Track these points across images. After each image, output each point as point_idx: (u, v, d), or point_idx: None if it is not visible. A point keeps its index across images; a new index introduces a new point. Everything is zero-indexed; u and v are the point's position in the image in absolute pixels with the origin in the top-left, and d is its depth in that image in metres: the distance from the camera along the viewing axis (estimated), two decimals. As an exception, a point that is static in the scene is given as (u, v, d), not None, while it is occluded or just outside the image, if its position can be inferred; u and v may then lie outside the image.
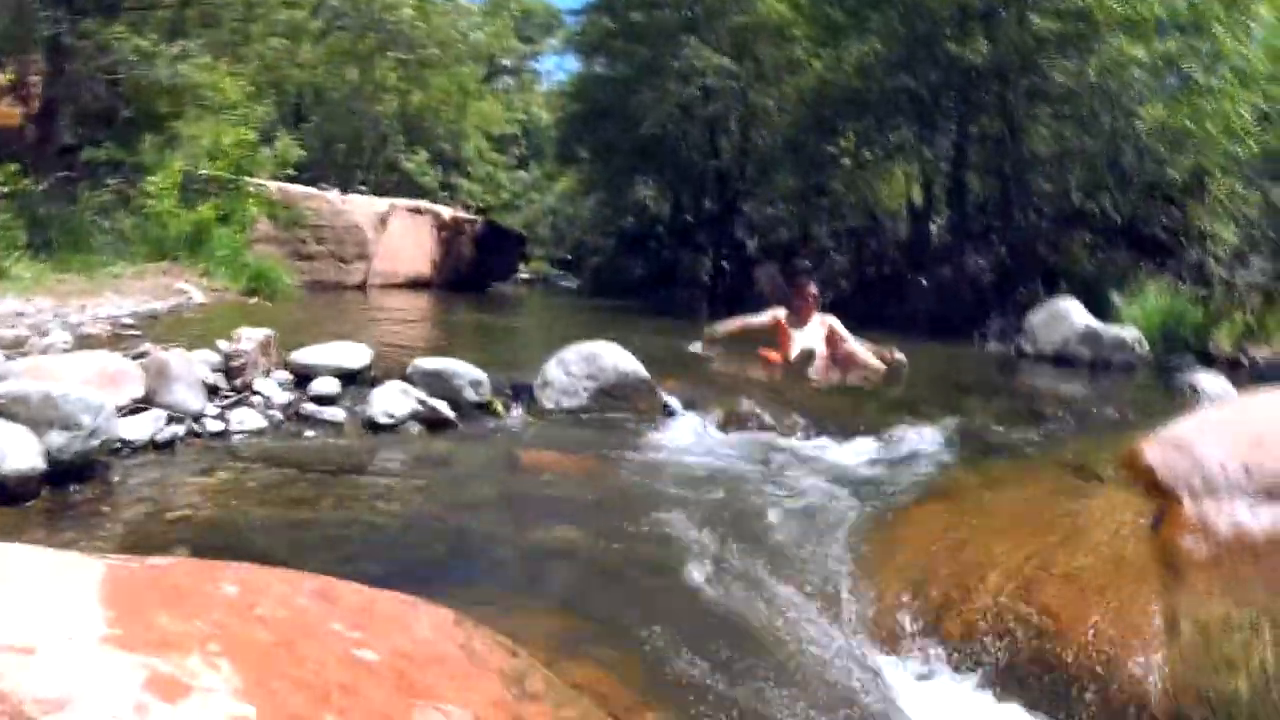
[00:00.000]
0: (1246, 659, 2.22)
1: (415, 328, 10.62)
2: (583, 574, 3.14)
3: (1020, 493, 3.69)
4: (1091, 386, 8.33)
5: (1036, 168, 16.43)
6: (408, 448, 4.56)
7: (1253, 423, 3.13)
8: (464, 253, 21.51)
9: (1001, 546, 3.05)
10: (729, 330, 7.92)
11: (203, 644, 1.39)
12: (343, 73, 22.51)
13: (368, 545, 3.22)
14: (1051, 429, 5.50)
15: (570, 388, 5.41)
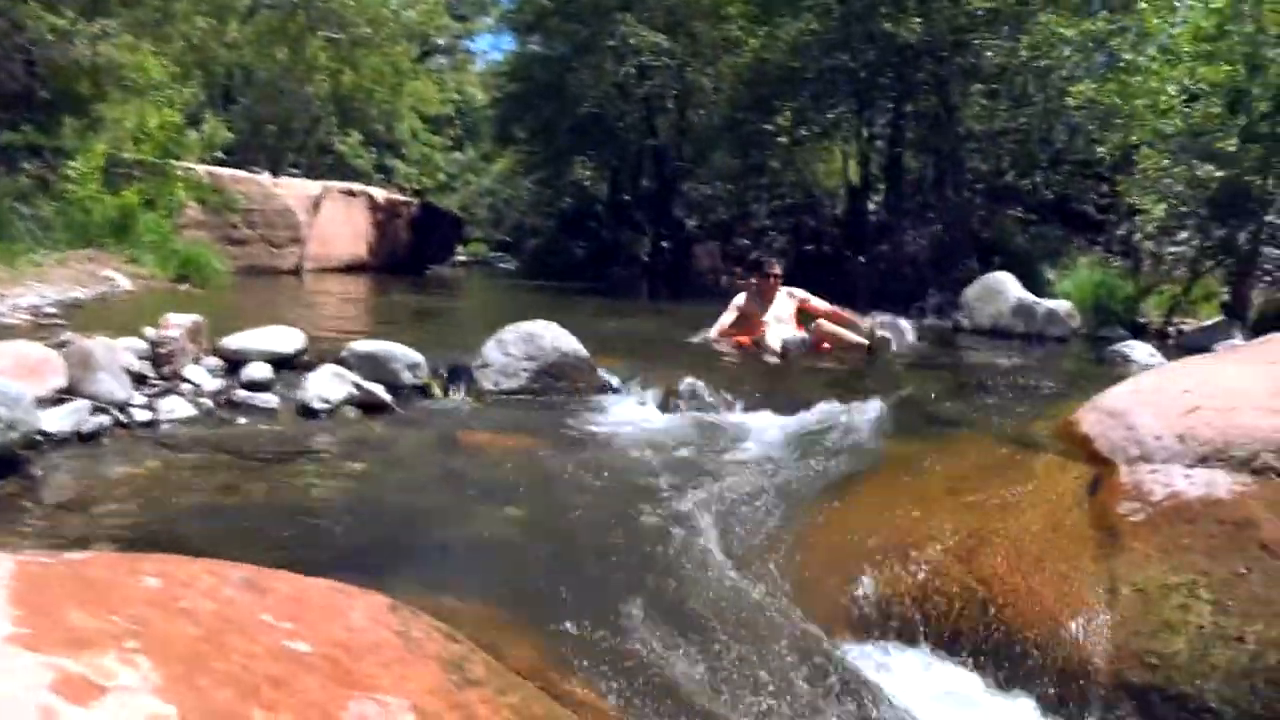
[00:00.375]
0: (1185, 621, 2.25)
1: (351, 311, 10.44)
2: (523, 557, 3.10)
3: (959, 463, 3.72)
4: (1026, 358, 8.46)
5: (971, 146, 16.65)
6: (343, 432, 4.47)
7: (1185, 391, 3.17)
8: (400, 236, 21.21)
9: (941, 516, 3.07)
10: (720, 335, 7.57)
11: (119, 641, 1.32)
12: (272, 52, 21.93)
13: (301, 533, 3.14)
14: (988, 400, 5.56)
15: (509, 368, 5.34)
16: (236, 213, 15.11)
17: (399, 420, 4.77)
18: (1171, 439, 2.92)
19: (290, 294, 12.22)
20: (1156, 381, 3.44)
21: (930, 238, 16.04)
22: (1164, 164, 11.21)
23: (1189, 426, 2.92)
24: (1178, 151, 11.30)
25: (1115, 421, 3.25)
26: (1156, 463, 2.87)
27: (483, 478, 3.89)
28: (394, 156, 33.81)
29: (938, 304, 12.17)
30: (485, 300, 16.15)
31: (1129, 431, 3.12)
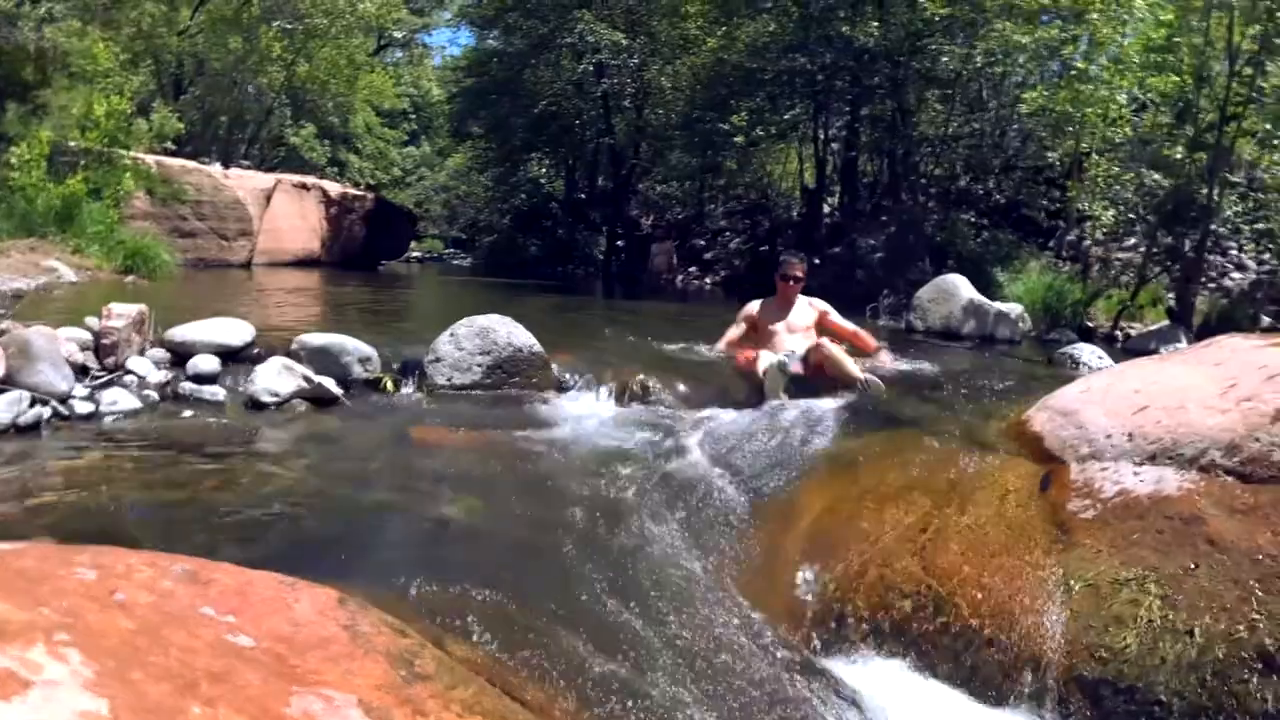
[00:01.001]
0: (1135, 615, 2.27)
1: (302, 304, 10.28)
2: (474, 552, 3.05)
3: (912, 460, 3.73)
4: (978, 359, 8.53)
5: (925, 150, 16.83)
6: (292, 426, 4.38)
7: (1134, 391, 3.21)
8: (354, 230, 20.99)
9: (895, 513, 3.07)
10: (728, 349, 6.19)
11: (49, 634, 1.27)
12: (225, 42, 21.60)
13: (248, 527, 3.07)
14: (941, 400, 5.58)
15: (462, 363, 5.28)
16: (186, 204, 14.86)
17: (349, 414, 4.69)
18: (1121, 437, 2.95)
19: (240, 287, 12.02)
20: (1106, 382, 3.47)
21: (884, 240, 16.17)
22: (1113, 171, 11.41)
23: (1138, 425, 2.95)
24: (1127, 160, 11.51)
25: (1066, 420, 3.29)
26: (1106, 460, 2.89)
27: (434, 473, 3.83)
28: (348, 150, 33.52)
29: (891, 305, 12.26)
30: (439, 296, 16.01)
31: (1079, 430, 3.15)
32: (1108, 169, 11.41)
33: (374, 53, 34.54)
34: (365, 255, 21.08)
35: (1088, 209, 12.02)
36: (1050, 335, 10.44)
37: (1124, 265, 12.85)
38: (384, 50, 38.41)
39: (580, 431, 4.62)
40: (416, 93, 42.08)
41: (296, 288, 12.74)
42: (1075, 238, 14.31)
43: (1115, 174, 11.33)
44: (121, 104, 12.58)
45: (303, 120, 28.08)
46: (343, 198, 20.81)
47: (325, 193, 20.09)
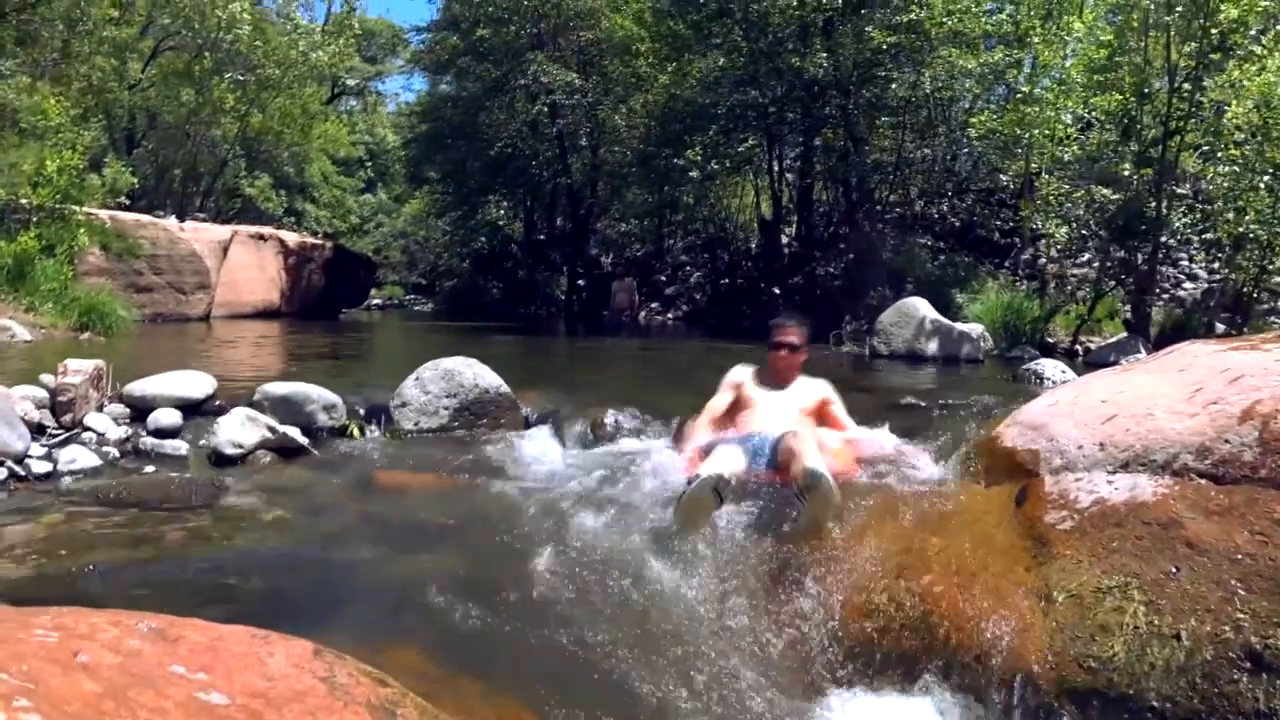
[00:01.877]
0: (1120, 623, 2.26)
1: (263, 355, 10.16)
2: (449, 598, 2.99)
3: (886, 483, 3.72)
4: (942, 379, 8.60)
5: (879, 176, 17.05)
6: (258, 478, 4.30)
7: (1101, 401, 3.23)
8: (313, 279, 20.83)
9: (870, 536, 3.05)
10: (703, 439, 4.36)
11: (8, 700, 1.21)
12: (177, 94, 21.47)
13: (216, 584, 2.99)
14: (909, 421, 5.60)
15: (429, 406, 5.22)
16: (141, 259, 14.68)
17: (316, 463, 4.62)
18: (1093, 447, 2.96)
19: (199, 340, 11.87)
20: (1073, 394, 3.49)
21: (843, 267, 16.32)
22: (1064, 189, 11.62)
23: (1108, 434, 2.96)
24: (1076, 177, 11.72)
25: (1036, 434, 3.29)
26: (1080, 471, 2.90)
27: (404, 520, 3.77)
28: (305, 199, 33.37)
29: (854, 331, 12.35)
30: (402, 341, 15.90)
31: (1050, 443, 3.16)
32: (1058, 187, 11.62)
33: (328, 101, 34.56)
34: (325, 304, 20.92)
35: (1041, 227, 12.21)
36: (1012, 353, 10.56)
37: (1080, 280, 13.07)
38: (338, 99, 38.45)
39: (549, 472, 4.57)
40: (372, 140, 42.09)
41: (257, 338, 12.60)
42: (1031, 256, 14.53)
43: (1066, 192, 11.54)
44: (73, 159, 12.45)
45: (258, 171, 27.94)
46: (301, 247, 20.67)
47: (283, 243, 19.96)
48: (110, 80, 20.45)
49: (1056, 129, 11.79)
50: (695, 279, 21.92)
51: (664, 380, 8.26)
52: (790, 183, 19.61)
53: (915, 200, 17.00)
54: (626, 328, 17.72)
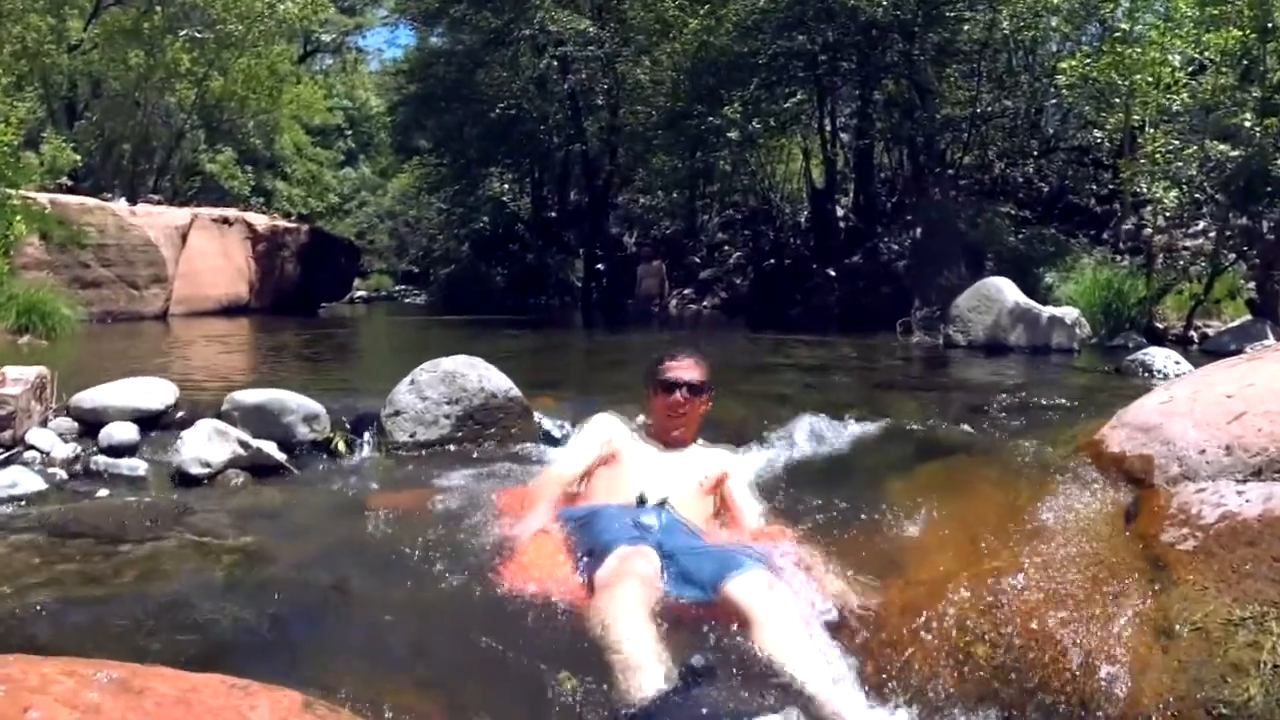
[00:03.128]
0: (1256, 661, 2.23)
1: (232, 358, 10.25)
2: (455, 639, 3.00)
3: (968, 497, 3.69)
4: (1031, 374, 8.56)
5: (951, 135, 16.96)
6: (229, 502, 4.33)
7: (1227, 397, 3.19)
8: (287, 269, 21.00)
9: (957, 562, 3.03)
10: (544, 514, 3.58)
11: (-47, 762, 1.22)
12: (125, 57, 21.67)
13: (185, 625, 3.01)
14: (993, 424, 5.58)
15: (427, 415, 5.24)
16: (87, 249, 14.83)
17: (296, 484, 4.65)
18: (1217, 451, 2.92)
19: (157, 341, 11.98)
20: (1190, 389, 3.45)
21: (910, 243, 16.26)
22: (1172, 145, 11.48)
23: (1236, 436, 2.93)
24: (1187, 131, 11.59)
25: (1148, 437, 3.26)
26: (1202, 480, 2.87)
27: (400, 549, 3.76)
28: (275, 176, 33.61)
29: (925, 319, 12.31)
30: (393, 339, 16.00)
31: (1166, 447, 3.12)
32: (1165, 143, 11.50)
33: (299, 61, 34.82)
34: (302, 298, 21.08)
35: (1146, 191, 12.10)
36: (1114, 341, 10.49)
37: (1193, 254, 12.93)
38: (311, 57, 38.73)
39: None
40: (351, 105, 42.36)
41: (224, 339, 12.70)
42: (1133, 226, 14.41)
43: (1175, 148, 11.41)
44: (7, 135, 12.58)
45: (220, 143, 28.17)
46: (272, 232, 20.84)
47: (251, 227, 20.12)
48: (47, 42, 20.67)
49: (1162, 74, 11.67)
50: (734, 260, 21.92)
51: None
52: (846, 145, 19.55)
53: (994, 162, 16.92)
54: (655, 319, 17.75)
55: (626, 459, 3.73)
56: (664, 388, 3.88)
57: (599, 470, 3.74)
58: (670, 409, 3.86)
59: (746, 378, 8.59)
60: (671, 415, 3.87)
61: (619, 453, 3.75)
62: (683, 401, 3.85)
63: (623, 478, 3.63)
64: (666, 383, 3.88)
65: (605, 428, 3.91)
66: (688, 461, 3.79)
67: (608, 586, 2.81)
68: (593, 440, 3.86)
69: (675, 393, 3.85)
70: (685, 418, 3.89)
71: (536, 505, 3.58)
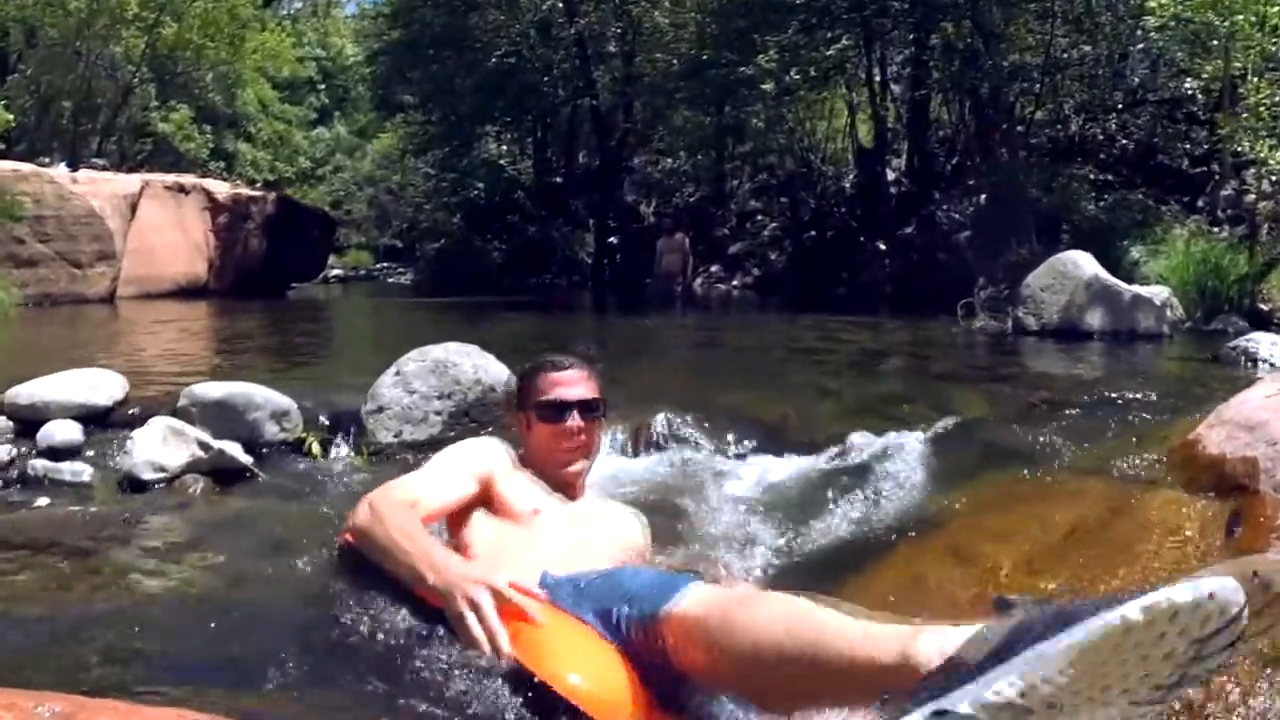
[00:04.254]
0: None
1: (189, 346, 10.30)
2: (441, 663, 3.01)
3: (1043, 509, 3.68)
4: (1114, 363, 8.53)
5: (1021, 86, 16.87)
6: (187, 512, 4.34)
7: (1344, 388, 3.18)
8: (251, 244, 21.07)
9: (1025, 583, 3.02)
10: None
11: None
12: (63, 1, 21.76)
13: (135, 650, 3.02)
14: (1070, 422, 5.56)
15: (415, 411, 5.25)
16: (21, 221, 14.89)
17: (264, 491, 4.66)
18: (1335, 453, 2.91)
19: (103, 328, 12.05)
20: (1302, 381, 3.44)
21: (973, 212, 16.20)
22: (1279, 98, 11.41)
23: (1359, 435, 2.92)
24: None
25: (1252, 436, 3.25)
26: (1317, 486, 2.85)
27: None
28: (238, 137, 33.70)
29: (990, 299, 12.24)
30: (375, 324, 16.04)
31: (1273, 448, 3.11)
32: (1271, 94, 11.42)
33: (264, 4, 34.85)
34: (269, 277, 21.14)
35: (1248, 151, 12.02)
36: (1211, 325, 10.44)
37: (1305, 223, 12.84)
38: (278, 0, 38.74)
39: (581, 496, 4.58)
40: (324, 54, 42.45)
41: (180, 324, 12.75)
42: (1234, 191, 14.31)
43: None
44: (-71, 93, 12.68)
45: (174, 100, 28.26)
46: (234, 201, 20.91)
47: (210, 196, 20.19)
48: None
49: (1268, 14, 11.58)
50: (770, 232, 21.89)
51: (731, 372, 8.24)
52: (898, 97, 19.50)
53: (1071, 118, 16.83)
54: (678, 300, 17.71)
55: (512, 508, 3.05)
56: (549, 411, 3.21)
57: (473, 517, 3.09)
58: (561, 440, 3.19)
59: (783, 369, 8.60)
60: (565, 450, 3.20)
61: (502, 497, 3.07)
62: (577, 429, 3.19)
63: (510, 539, 2.98)
64: (552, 405, 3.20)
65: (486, 456, 3.20)
66: (594, 521, 3.14)
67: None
68: (465, 470, 3.13)
69: (566, 417, 3.18)
70: (582, 449, 3.25)
71: (396, 519, 2.82)
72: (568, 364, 3.30)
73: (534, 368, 3.36)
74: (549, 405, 3.19)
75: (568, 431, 3.16)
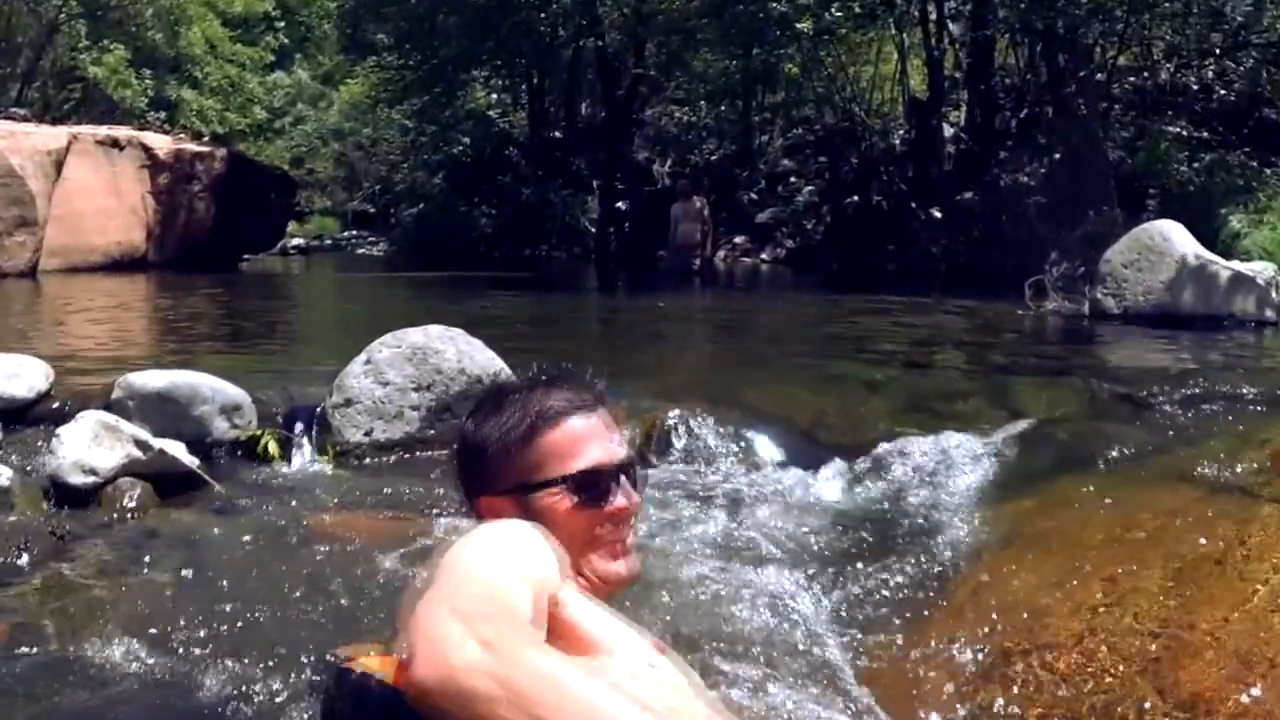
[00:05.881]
0: None
1: (125, 329, 10.32)
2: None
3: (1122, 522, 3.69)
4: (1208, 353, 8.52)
5: (1101, 26, 16.80)
6: (123, 525, 4.36)
7: None
8: (198, 209, 21.08)
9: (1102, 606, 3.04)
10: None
11: None
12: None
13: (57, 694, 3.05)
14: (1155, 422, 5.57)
15: (388, 406, 5.26)
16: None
17: (212, 500, 4.68)
18: None
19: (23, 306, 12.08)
20: None
21: (1044, 174, 16.17)
22: None
23: None
24: None
25: (1372, 440, 3.26)
26: None
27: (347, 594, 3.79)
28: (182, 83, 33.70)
29: (1064, 276, 12.22)
30: (341, 305, 16.06)
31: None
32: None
33: (213, -74, 34.85)
34: (218, 247, 21.12)
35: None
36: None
37: None
38: (229, -78, 38.72)
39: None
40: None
41: (114, 303, 12.78)
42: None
43: None
44: None
45: (107, 40, 28.28)
46: (177, 158, 20.90)
47: (149, 152, 20.18)
48: None
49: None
50: (805, 197, 21.85)
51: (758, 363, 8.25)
52: (956, 40, 19.42)
53: (1160, 64, 16.78)
54: (696, 276, 17.69)
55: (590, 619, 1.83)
56: (589, 489, 2.11)
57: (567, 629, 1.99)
58: (609, 529, 2.14)
59: (822, 357, 8.61)
60: (619, 545, 2.17)
61: (573, 610, 1.82)
62: (635, 508, 2.19)
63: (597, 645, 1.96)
64: (592, 477, 2.12)
65: (543, 573, 1.83)
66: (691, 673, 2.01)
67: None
68: (530, 590, 1.76)
69: (614, 494, 2.14)
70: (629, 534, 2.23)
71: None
72: (587, 398, 2.20)
73: (536, 415, 2.14)
74: (588, 479, 2.11)
75: (621, 516, 2.14)
